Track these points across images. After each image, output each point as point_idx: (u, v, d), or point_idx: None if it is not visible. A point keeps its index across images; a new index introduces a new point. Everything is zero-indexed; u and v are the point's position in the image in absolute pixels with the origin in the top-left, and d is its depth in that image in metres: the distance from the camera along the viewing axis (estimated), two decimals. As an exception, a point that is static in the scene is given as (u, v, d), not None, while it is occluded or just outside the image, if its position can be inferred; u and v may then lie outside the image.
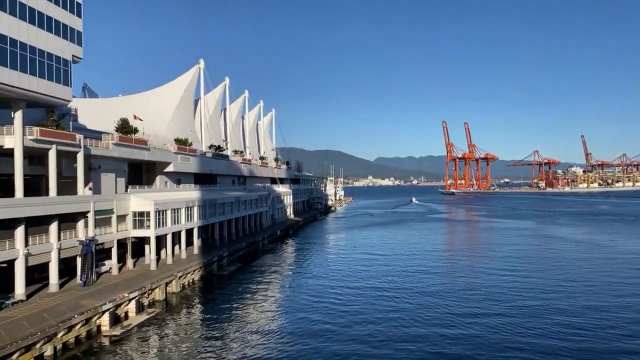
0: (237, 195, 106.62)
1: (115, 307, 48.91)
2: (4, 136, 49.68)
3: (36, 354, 38.16)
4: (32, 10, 50.15)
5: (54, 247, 53.54)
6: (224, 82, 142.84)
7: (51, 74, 52.89)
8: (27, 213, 49.32)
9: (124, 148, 70.72)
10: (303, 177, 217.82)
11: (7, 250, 47.54)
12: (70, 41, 56.32)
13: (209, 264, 75.14)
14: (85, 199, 59.20)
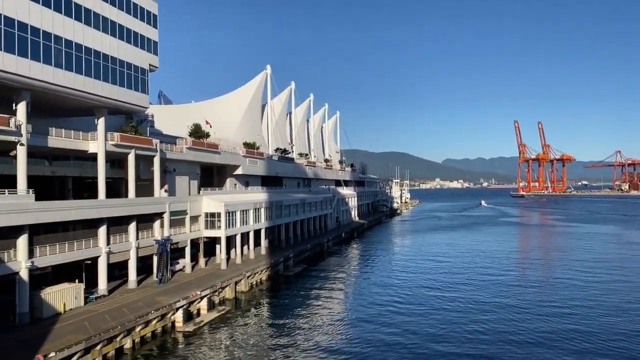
0: (302, 197, 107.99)
1: (188, 304, 51.06)
2: (88, 142, 53.43)
3: (117, 347, 40.62)
4: (114, 24, 53.61)
5: (132, 246, 56.83)
6: (290, 86, 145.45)
7: (130, 82, 56.25)
8: (109, 213, 52.70)
9: (196, 152, 73.84)
10: (368, 179, 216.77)
11: (92, 248, 51.04)
12: (147, 51, 59.61)
13: (276, 264, 76.62)
14: (162, 201, 62.34)
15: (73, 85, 47.46)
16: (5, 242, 41.75)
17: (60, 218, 46.39)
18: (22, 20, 41.79)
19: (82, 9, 48.79)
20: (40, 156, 53.20)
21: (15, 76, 41.24)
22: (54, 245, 46.26)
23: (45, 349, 35.11)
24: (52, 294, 44.94)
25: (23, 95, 43.53)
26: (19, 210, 41.68)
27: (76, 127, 53.50)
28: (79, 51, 48.41)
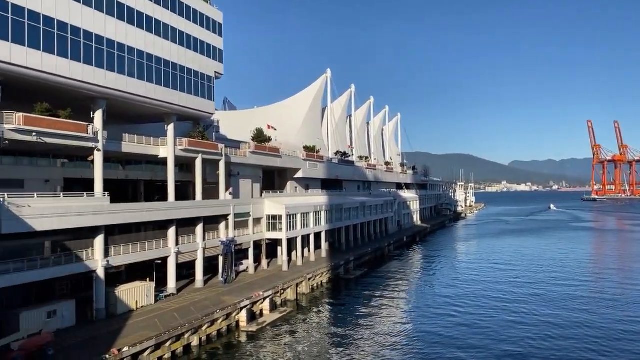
0: (363, 200, 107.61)
1: (251, 304, 52.27)
2: (159, 147, 56.11)
3: (185, 344, 42.27)
4: (182, 34, 56.05)
5: (199, 247, 58.99)
6: (350, 89, 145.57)
7: (198, 90, 58.55)
8: (178, 215, 55.04)
9: (259, 156, 75.61)
10: (430, 182, 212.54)
11: (162, 248, 53.48)
12: (213, 59, 61.81)
13: (336, 267, 76.79)
14: (227, 203, 64.31)
15: (145, 94, 50.06)
16: (84, 241, 44.65)
17: (133, 219, 49.01)
18: (99, 34, 44.64)
19: (153, 20, 51.39)
20: (115, 161, 56.47)
21: (93, 86, 44.10)
22: (127, 245, 48.91)
23: (119, 343, 37.16)
24: (126, 292, 47.49)
25: (99, 104, 46.43)
26: (96, 211, 44.44)
27: (147, 133, 56.37)
28: (150, 61, 51.02)
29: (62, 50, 40.84)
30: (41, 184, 47.57)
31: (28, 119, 39.34)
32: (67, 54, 41.37)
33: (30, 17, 38.24)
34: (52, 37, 39.96)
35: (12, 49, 36.71)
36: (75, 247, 43.74)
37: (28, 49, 37.96)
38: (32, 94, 41.71)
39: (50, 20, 39.88)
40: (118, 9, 46.82)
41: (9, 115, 38.29)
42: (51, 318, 40.22)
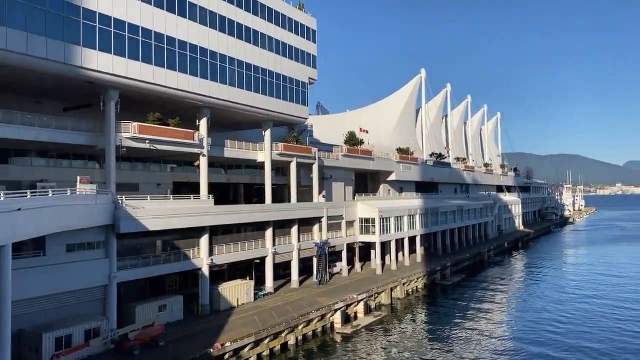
0: (460, 203, 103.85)
1: (346, 307, 52.57)
2: (257, 152, 58.60)
3: (282, 342, 43.57)
4: (278, 42, 58.13)
5: (295, 248, 60.59)
6: (446, 89, 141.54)
7: (293, 96, 60.36)
8: (275, 217, 57.02)
9: (351, 159, 76.05)
10: (534, 184, 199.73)
11: (261, 248, 55.68)
12: (307, 65, 63.35)
13: (432, 272, 74.83)
14: (320, 206, 65.44)
15: (244, 101, 52.57)
16: (191, 241, 47.82)
17: (234, 221, 51.61)
18: (204, 46, 47.66)
19: (251, 31, 53.84)
20: (218, 165, 59.87)
21: (198, 96, 47.16)
22: (229, 245, 51.59)
23: (222, 338, 39.23)
24: (228, 289, 50.05)
25: (204, 112, 49.52)
26: (202, 213, 47.41)
27: (245, 139, 59.11)
28: (249, 70, 53.48)
29: (171, 64, 44.19)
30: (153, 187, 51.74)
31: (142, 128, 43.03)
32: (176, 67, 44.66)
33: (144, 34, 41.82)
34: (162, 52, 43.38)
35: (128, 64, 40.39)
36: (184, 246, 47.03)
37: (142, 64, 41.54)
38: (144, 105, 45.56)
39: (160, 36, 43.32)
40: (220, 22, 49.67)
41: (126, 125, 42.16)
42: (162, 312, 43.50)
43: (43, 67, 34.83)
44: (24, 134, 36.16)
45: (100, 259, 39.31)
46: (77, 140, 40.09)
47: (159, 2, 43.23)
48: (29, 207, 27.26)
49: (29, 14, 33.53)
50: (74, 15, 36.45)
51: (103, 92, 40.51)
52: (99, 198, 37.77)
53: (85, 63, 37.15)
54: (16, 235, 26.47)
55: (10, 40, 32.38)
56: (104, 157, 41.98)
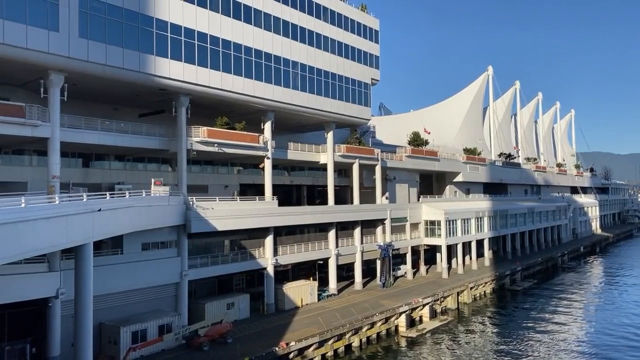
0: (531, 205, 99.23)
1: (410, 310, 51.74)
2: (320, 154, 59.06)
3: (346, 344, 43.57)
4: (341, 44, 58.31)
5: (358, 250, 60.44)
6: (514, 86, 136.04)
7: (355, 97, 60.30)
8: (337, 219, 57.19)
9: (415, 160, 74.80)
10: (612, 185, 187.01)
11: (324, 250, 56.05)
12: (370, 66, 63.07)
13: (501, 277, 72.04)
14: (383, 207, 64.88)
15: (307, 104, 53.17)
16: (256, 241, 49.02)
17: (297, 222, 52.34)
18: (268, 51, 48.72)
19: (314, 34, 54.38)
20: (281, 167, 60.92)
21: (263, 100, 48.26)
22: (293, 246, 52.37)
23: (287, 337, 39.85)
24: (292, 289, 50.78)
25: (269, 116, 50.60)
26: (266, 214, 48.47)
27: (308, 141, 59.76)
28: (312, 73, 54.04)
29: (237, 69, 45.54)
30: (221, 189, 53.52)
31: (211, 132, 44.66)
32: (242, 72, 45.98)
33: (212, 42, 43.40)
34: (228, 58, 44.81)
35: (198, 71, 42.06)
36: (249, 246, 48.32)
37: (210, 70, 43.11)
38: (213, 110, 47.25)
39: (227, 43, 44.76)
40: (284, 26, 50.58)
41: (196, 130, 43.93)
42: (230, 309, 44.86)
43: (120, 76, 37.01)
44: (104, 140, 38.58)
45: (172, 257, 41.20)
46: (151, 144, 42.26)
47: (226, 10, 44.71)
48: (108, 208, 29.08)
49: (107, 27, 35.78)
50: (147, 26, 38.47)
51: (175, 99, 42.44)
52: (172, 199, 39.60)
53: (158, 71, 39.09)
54: (97, 234, 28.33)
55: (91, 53, 34.70)
56: (176, 160, 43.96)
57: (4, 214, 19.71)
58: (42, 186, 35.13)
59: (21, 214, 20.84)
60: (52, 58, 32.82)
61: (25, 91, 36.49)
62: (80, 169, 42.47)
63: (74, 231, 25.55)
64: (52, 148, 33.89)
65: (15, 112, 31.56)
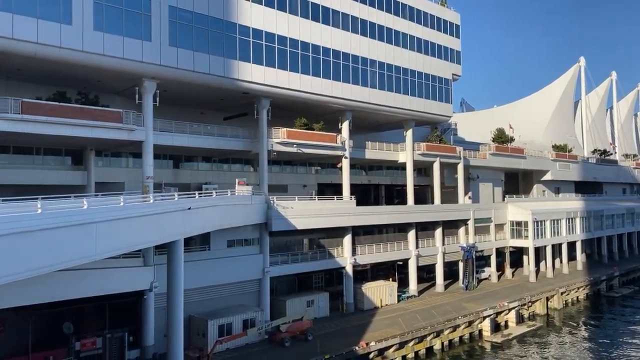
0: (630, 206, 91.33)
1: (495, 314, 49.57)
2: (398, 152, 58.24)
3: (427, 346, 42.61)
4: (419, 40, 57.13)
5: (439, 251, 58.91)
6: (610, 77, 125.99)
7: (435, 94, 58.83)
8: (417, 219, 56.11)
9: (500, 157, 71.56)
10: None
11: (403, 250, 55.23)
12: (450, 61, 61.22)
13: (596, 282, 66.99)
14: (466, 208, 62.73)
15: (385, 102, 52.65)
16: (335, 240, 49.35)
17: (375, 221, 52.00)
18: (345, 51, 48.85)
19: (392, 32, 53.74)
20: (359, 167, 60.81)
21: (341, 99, 48.45)
22: (371, 246, 52.12)
23: (367, 337, 39.72)
24: (371, 289, 50.54)
25: (346, 115, 50.71)
26: (344, 213, 48.64)
27: (386, 140, 59.15)
28: (390, 70, 53.44)
29: (315, 70, 46.11)
30: (300, 188, 54.45)
31: (290, 132, 45.60)
32: (320, 73, 46.47)
33: (292, 44, 44.29)
34: (307, 60, 45.49)
35: (278, 74, 43.09)
36: (328, 245, 48.75)
37: (289, 73, 43.99)
38: (291, 111, 48.17)
39: (306, 45, 45.45)
40: (362, 26, 50.47)
41: (276, 131, 45.07)
42: (310, 307, 45.51)
43: (206, 81, 38.80)
44: (192, 142, 40.66)
45: (255, 254, 42.60)
46: (235, 146, 43.94)
47: (305, 13, 45.43)
48: (197, 207, 30.61)
49: (195, 35, 37.67)
50: (231, 32, 40.01)
51: (256, 101, 43.79)
52: (254, 198, 40.95)
53: (241, 75, 40.52)
54: (187, 231, 29.95)
55: (180, 60, 36.71)
56: (258, 160, 45.40)
57: (105, 212, 21.40)
58: (137, 186, 37.71)
59: (120, 212, 22.50)
60: (145, 66, 35.11)
61: (122, 98, 39.32)
62: (171, 169, 45.08)
63: (167, 228, 27.19)
64: (146, 150, 36.29)
65: (114, 118, 34.14)
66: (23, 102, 30.20)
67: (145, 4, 34.94)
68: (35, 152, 37.60)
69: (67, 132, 32.13)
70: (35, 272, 17.43)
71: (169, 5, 36.09)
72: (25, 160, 36.94)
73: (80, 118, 32.33)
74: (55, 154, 38.55)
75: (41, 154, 37.82)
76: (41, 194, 22.18)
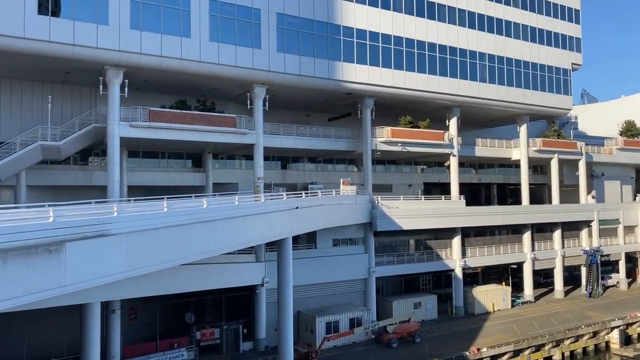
0: None
1: (625, 325, 44.81)
2: (511, 149, 54.98)
3: (545, 355, 39.70)
4: (533, 30, 53.44)
5: (558, 254, 54.62)
6: None
7: (552, 85, 54.64)
8: (532, 220, 52.51)
9: (629, 153, 64.54)
10: None
11: (517, 253, 52.03)
12: (569, 50, 56.52)
13: None
14: (589, 208, 57.46)
15: (496, 97, 50.02)
16: (442, 241, 47.89)
17: (486, 222, 49.52)
18: (452, 45, 47.20)
19: (503, 22, 50.91)
20: (468, 165, 58.36)
21: (448, 95, 46.93)
22: (482, 248, 49.81)
23: (478, 343, 38.02)
24: (482, 293, 48.25)
25: (454, 112, 48.98)
26: (453, 214, 46.98)
27: (497, 136, 56.12)
28: (501, 63, 50.64)
29: (420, 67, 45.14)
30: (405, 188, 53.63)
31: (394, 131, 45.11)
32: (425, 69, 45.41)
33: (396, 42, 43.79)
34: (412, 56, 44.69)
35: (381, 72, 42.88)
36: (435, 247, 47.47)
37: (394, 71, 43.55)
38: (396, 109, 47.62)
39: (410, 41, 44.68)
40: (469, 18, 48.48)
41: (380, 130, 44.86)
42: (417, 309, 44.61)
43: (312, 84, 39.79)
44: (298, 143, 41.97)
45: (360, 253, 42.76)
46: (339, 146, 44.51)
47: (409, 9, 44.68)
48: (304, 206, 31.52)
49: (300, 39, 38.82)
50: (335, 34, 40.62)
51: (360, 101, 43.98)
52: (358, 198, 41.16)
53: (345, 76, 40.96)
54: (295, 229, 30.97)
55: (287, 65, 38.06)
56: (362, 160, 45.49)
57: (222, 210, 22.86)
58: (249, 186, 39.78)
59: (235, 211, 23.91)
60: (256, 73, 36.94)
61: (235, 104, 41.74)
62: (279, 170, 46.88)
63: (277, 226, 28.35)
64: (257, 152, 38.13)
65: (229, 123, 36.35)
66: (150, 110, 33.34)
67: (255, 13, 36.74)
68: (161, 155, 41.28)
69: (188, 137, 34.88)
70: (164, 265, 19.18)
71: (276, 12, 37.59)
72: (152, 164, 40.69)
73: (199, 124, 34.93)
74: (177, 158, 41.99)
75: (165, 157, 41.41)
76: (165, 194, 24.33)
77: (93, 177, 36.73)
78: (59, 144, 31.96)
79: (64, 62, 31.22)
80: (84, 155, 37.56)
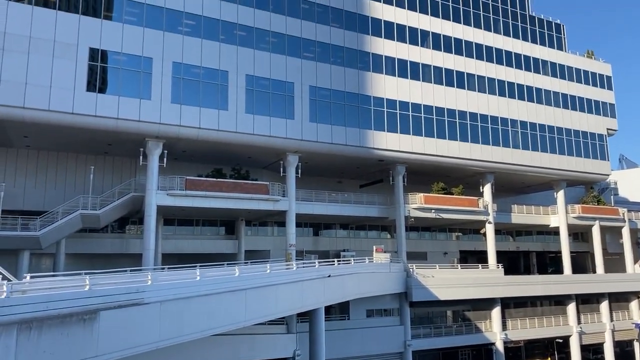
0: None
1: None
2: (549, 216, 53.39)
3: None
4: (565, 96, 53.37)
5: (606, 327, 51.25)
6: None
7: (588, 151, 53.74)
8: (576, 290, 49.82)
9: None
10: None
11: (562, 326, 49.06)
12: (604, 115, 56.02)
13: None
14: (637, 278, 54.34)
15: (530, 163, 49.37)
16: (481, 312, 45.75)
17: (527, 292, 47.32)
18: (483, 113, 47.50)
19: (534, 89, 51.22)
20: (505, 232, 56.76)
21: (481, 162, 46.60)
22: (524, 320, 47.26)
23: None
24: (526, 370, 45.19)
25: (487, 178, 48.41)
26: (491, 283, 45.12)
27: (534, 203, 54.78)
28: (534, 129, 50.39)
29: (451, 134, 45.31)
30: (440, 256, 52.28)
31: (427, 198, 44.67)
32: (456, 136, 45.54)
33: (426, 110, 44.39)
34: (442, 124, 45.02)
35: (412, 140, 43.19)
36: (474, 318, 45.31)
37: (425, 138, 43.81)
38: (428, 176, 47.45)
39: (441, 110, 45.23)
40: (499, 86, 49.00)
41: (412, 196, 44.54)
42: (456, 386, 41.97)
43: (343, 152, 40.33)
44: (330, 210, 41.94)
45: (395, 325, 41.13)
46: (372, 213, 44.21)
47: (438, 79, 45.65)
48: (336, 274, 30.96)
49: (332, 110, 39.89)
50: (365, 104, 41.60)
51: (391, 168, 44.11)
52: (392, 266, 40.20)
53: (377, 144, 41.43)
54: (327, 299, 30.27)
55: (319, 134, 38.88)
56: (395, 227, 44.91)
57: (254, 279, 22.64)
58: (281, 253, 39.53)
59: (267, 279, 23.63)
60: (289, 142, 37.81)
61: (268, 171, 42.55)
62: (311, 237, 46.68)
63: (309, 296, 27.80)
64: (289, 219, 38.20)
65: (262, 190, 36.85)
66: (187, 179, 34.26)
67: (289, 86, 38.22)
68: (195, 223, 41.90)
69: (223, 205, 35.39)
70: (195, 336, 18.84)
71: (309, 85, 39.01)
72: (186, 231, 41.28)
73: (234, 192, 35.54)
74: (211, 225, 42.51)
75: (200, 225, 41.99)
76: (198, 261, 24.36)
77: (129, 245, 37.40)
78: (98, 212, 32.89)
79: (108, 134, 32.81)
80: (121, 223, 38.51)
